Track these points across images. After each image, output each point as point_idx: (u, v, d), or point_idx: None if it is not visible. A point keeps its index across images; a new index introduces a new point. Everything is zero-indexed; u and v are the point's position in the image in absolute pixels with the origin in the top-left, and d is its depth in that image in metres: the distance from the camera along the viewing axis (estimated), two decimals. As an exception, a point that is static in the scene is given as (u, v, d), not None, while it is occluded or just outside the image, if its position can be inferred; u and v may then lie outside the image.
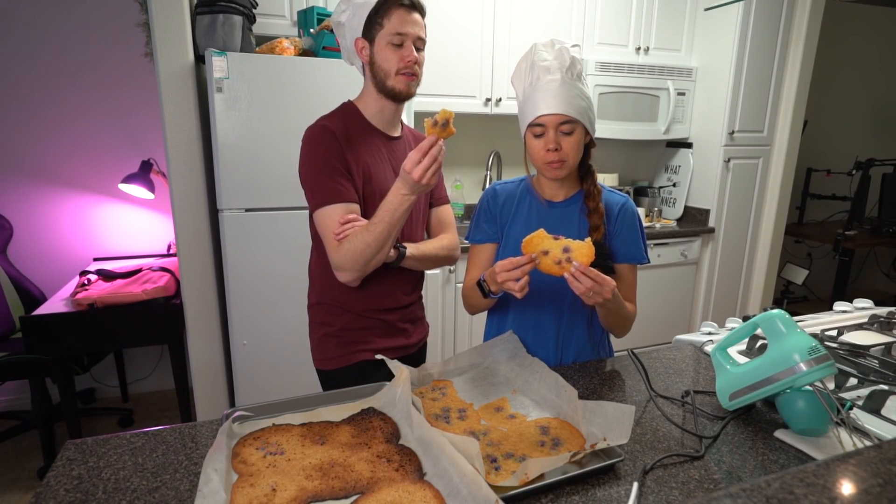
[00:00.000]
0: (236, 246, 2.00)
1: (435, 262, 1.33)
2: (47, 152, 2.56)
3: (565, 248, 1.04)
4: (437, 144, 1.06)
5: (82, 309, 2.05)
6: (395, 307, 1.32)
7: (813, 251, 4.27)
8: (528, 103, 1.15)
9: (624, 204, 1.24)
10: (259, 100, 1.93)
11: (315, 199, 1.19)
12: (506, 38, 2.69)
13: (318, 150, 1.19)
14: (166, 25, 1.92)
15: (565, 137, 1.13)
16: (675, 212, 3.33)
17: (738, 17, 2.91)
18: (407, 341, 1.36)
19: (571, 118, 1.12)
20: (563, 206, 1.24)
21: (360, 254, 1.13)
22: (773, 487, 0.51)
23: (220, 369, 2.22)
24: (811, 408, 0.88)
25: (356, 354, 1.28)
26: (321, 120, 1.23)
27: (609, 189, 1.27)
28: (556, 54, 1.13)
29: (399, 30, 1.17)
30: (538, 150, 1.15)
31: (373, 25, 1.19)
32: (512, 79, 1.21)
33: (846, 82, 4.30)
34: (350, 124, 1.24)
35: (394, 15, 1.17)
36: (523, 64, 1.17)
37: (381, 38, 1.18)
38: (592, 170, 1.23)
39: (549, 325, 1.25)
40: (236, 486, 0.76)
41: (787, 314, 0.94)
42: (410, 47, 1.19)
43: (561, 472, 0.79)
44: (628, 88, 2.98)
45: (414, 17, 1.19)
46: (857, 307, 1.60)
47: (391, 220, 1.11)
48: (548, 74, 1.12)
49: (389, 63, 1.19)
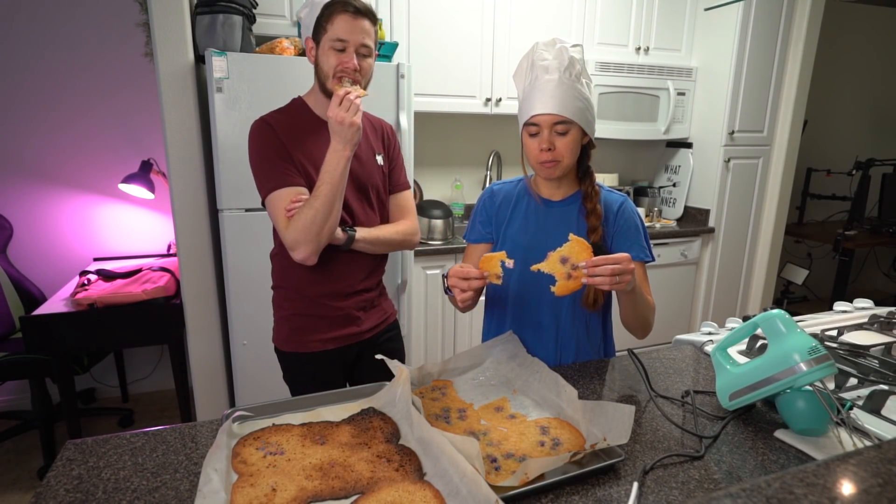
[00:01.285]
0: (236, 246, 2.00)
1: (389, 245, 1.36)
2: (47, 152, 2.56)
3: (563, 259, 1.03)
4: (354, 90, 1.12)
5: (82, 309, 2.05)
6: (349, 292, 1.33)
7: (813, 251, 4.27)
8: (526, 102, 1.15)
9: (622, 203, 1.23)
10: (259, 100, 1.93)
11: (264, 188, 1.23)
12: (506, 38, 2.68)
13: (260, 141, 1.24)
14: (166, 25, 1.92)
15: (559, 137, 1.13)
16: (675, 212, 3.33)
17: (738, 17, 2.91)
18: (358, 329, 1.36)
19: (565, 118, 1.11)
20: (560, 206, 1.24)
21: (310, 223, 1.15)
22: (773, 487, 0.51)
23: (220, 369, 2.22)
24: (811, 408, 0.88)
25: (308, 344, 1.32)
26: (262, 117, 1.28)
27: (608, 189, 1.26)
28: (555, 54, 1.13)
29: (341, 35, 1.19)
30: (533, 150, 1.15)
31: (319, 28, 1.22)
32: (514, 77, 1.22)
33: (846, 82, 4.30)
34: (298, 119, 1.29)
35: (337, 20, 1.19)
36: (524, 63, 1.17)
37: (325, 41, 1.21)
38: (591, 171, 1.23)
39: (548, 327, 1.25)
40: (236, 486, 0.76)
41: (787, 314, 0.94)
42: (351, 54, 1.20)
43: (561, 472, 0.79)
44: (628, 88, 2.98)
45: (360, 23, 1.20)
46: (857, 307, 1.60)
47: (332, 179, 1.14)
48: (546, 74, 1.12)
49: (329, 67, 1.22)
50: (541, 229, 1.23)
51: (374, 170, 1.35)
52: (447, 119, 2.95)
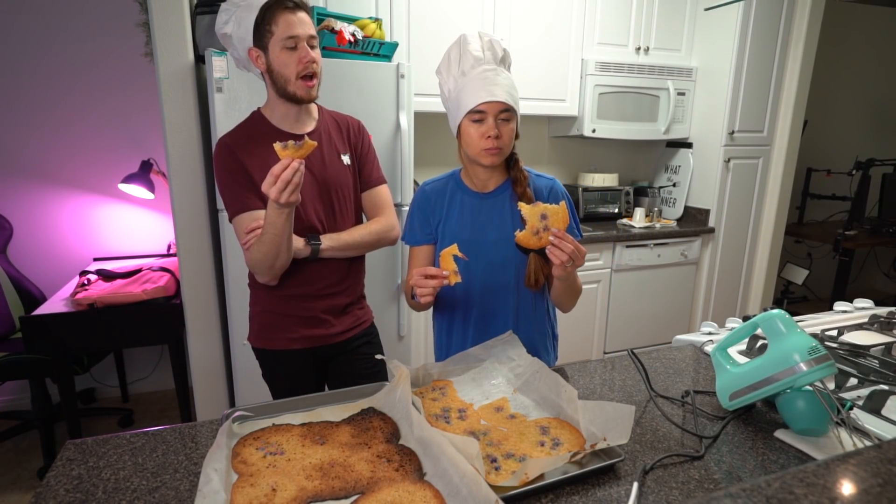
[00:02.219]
0: (236, 246, 1.98)
1: (360, 247, 1.36)
2: (47, 152, 2.56)
3: (543, 215, 1.07)
4: (291, 166, 1.04)
5: (82, 309, 2.05)
6: (317, 295, 1.33)
7: (813, 251, 4.27)
8: (465, 91, 1.16)
9: (552, 186, 1.27)
10: (259, 100, 1.90)
11: (228, 211, 1.26)
12: (506, 39, 2.68)
13: (220, 165, 1.25)
14: (166, 25, 1.92)
15: (504, 125, 1.16)
16: (675, 212, 3.33)
17: (738, 17, 2.91)
18: (327, 332, 1.36)
19: (510, 106, 1.15)
20: (493, 196, 1.26)
21: (260, 262, 1.19)
22: (773, 487, 0.51)
23: (220, 369, 2.22)
24: (811, 408, 0.88)
25: (276, 341, 1.33)
26: (223, 136, 1.28)
27: (536, 174, 1.30)
28: (487, 45, 1.16)
29: (290, 33, 1.18)
30: (476, 138, 1.17)
31: (262, 33, 1.20)
32: (439, 68, 1.23)
33: (846, 82, 4.30)
34: (255, 133, 1.27)
35: (280, 19, 1.17)
36: (453, 53, 1.19)
37: (274, 44, 1.19)
38: (516, 157, 1.26)
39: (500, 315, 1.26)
40: (236, 486, 0.76)
41: (787, 314, 0.94)
42: (305, 47, 1.20)
43: (561, 472, 0.79)
44: (628, 88, 2.98)
45: (300, 16, 1.20)
46: (857, 307, 1.60)
47: (274, 231, 1.13)
48: (482, 64, 1.15)
49: (288, 68, 1.20)
50: (478, 221, 1.25)
51: (339, 171, 1.34)
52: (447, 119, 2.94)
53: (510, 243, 1.15)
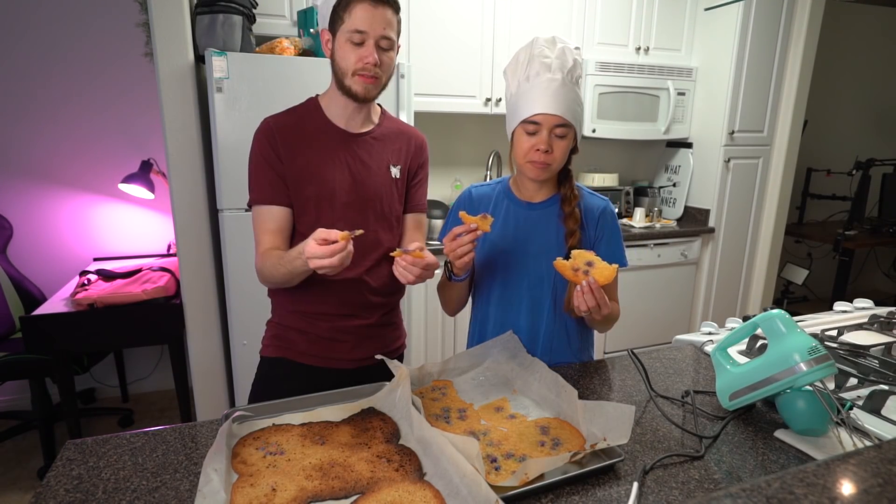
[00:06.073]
0: (236, 246, 2.00)
1: None
2: (47, 152, 2.56)
3: (589, 262, 1.04)
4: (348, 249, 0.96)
5: (82, 309, 2.05)
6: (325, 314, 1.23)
7: (813, 251, 4.27)
8: (524, 98, 1.11)
9: (604, 208, 1.23)
10: (259, 100, 1.93)
11: (251, 196, 1.18)
12: (506, 38, 2.68)
13: (257, 148, 1.17)
14: (166, 25, 1.92)
15: (558, 140, 1.11)
16: (675, 212, 3.33)
17: (738, 17, 2.91)
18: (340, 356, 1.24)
19: (567, 122, 1.10)
20: (541, 208, 1.23)
21: (266, 279, 1.17)
22: (773, 487, 0.51)
23: (220, 369, 2.22)
24: (811, 408, 0.88)
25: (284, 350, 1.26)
26: (270, 116, 1.19)
27: (589, 192, 1.26)
28: (558, 53, 1.10)
29: (359, 27, 1.06)
30: (526, 148, 1.12)
31: (336, 18, 1.09)
32: (506, 69, 1.18)
33: (846, 82, 4.30)
34: (307, 122, 1.18)
35: (356, 9, 1.06)
36: (521, 56, 1.13)
37: (342, 33, 1.08)
38: (571, 174, 1.22)
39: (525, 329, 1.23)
40: (236, 486, 0.76)
41: (787, 314, 0.94)
42: (371, 47, 1.08)
43: (561, 472, 0.79)
44: (628, 88, 2.98)
45: (380, 12, 1.07)
46: (857, 307, 1.60)
47: (291, 269, 1.07)
48: (548, 72, 1.09)
49: (347, 62, 1.10)
50: (520, 231, 1.22)
51: (382, 181, 1.22)
52: (447, 119, 2.95)
53: (549, 259, 1.10)
